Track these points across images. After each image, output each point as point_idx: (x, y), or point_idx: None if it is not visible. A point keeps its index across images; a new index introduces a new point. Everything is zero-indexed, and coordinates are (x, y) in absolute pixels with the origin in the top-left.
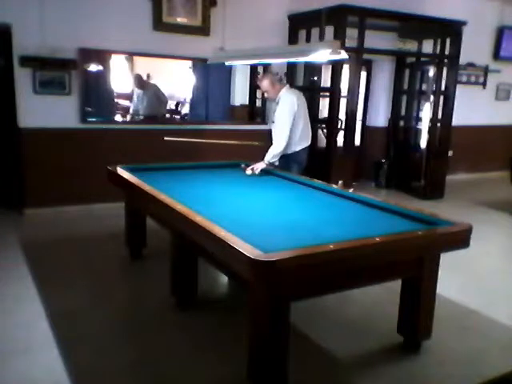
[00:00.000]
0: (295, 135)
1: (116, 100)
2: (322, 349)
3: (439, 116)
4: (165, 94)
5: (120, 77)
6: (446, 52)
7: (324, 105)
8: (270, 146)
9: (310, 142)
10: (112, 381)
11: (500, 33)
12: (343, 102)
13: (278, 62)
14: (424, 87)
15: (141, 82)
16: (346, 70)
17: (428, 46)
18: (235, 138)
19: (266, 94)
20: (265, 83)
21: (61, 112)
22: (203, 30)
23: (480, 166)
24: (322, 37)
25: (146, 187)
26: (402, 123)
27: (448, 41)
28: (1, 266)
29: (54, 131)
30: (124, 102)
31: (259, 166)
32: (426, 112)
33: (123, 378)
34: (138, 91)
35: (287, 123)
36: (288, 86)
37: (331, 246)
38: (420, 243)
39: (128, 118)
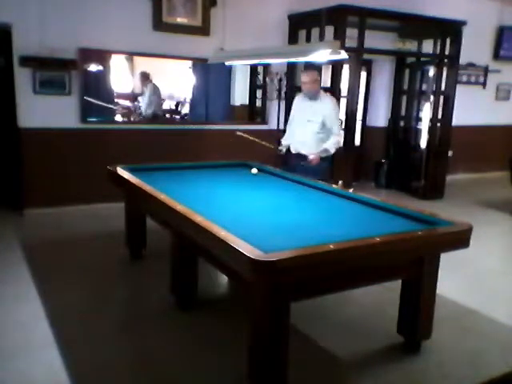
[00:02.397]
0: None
1: (116, 100)
2: (321, 349)
3: (439, 116)
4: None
5: (120, 77)
6: (446, 52)
7: None
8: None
9: None
10: (112, 381)
11: (500, 33)
12: (343, 102)
13: (278, 62)
14: (424, 87)
15: (144, 78)
16: (346, 70)
17: (428, 46)
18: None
19: (305, 86)
20: (315, 75)
21: (61, 112)
22: (203, 30)
23: (480, 166)
24: (322, 37)
25: (146, 187)
26: (402, 123)
27: (448, 41)
28: (1, 266)
29: (54, 131)
30: (124, 102)
31: (316, 157)
32: (426, 112)
33: (123, 377)
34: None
35: (338, 122)
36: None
37: (331, 246)
38: (420, 243)
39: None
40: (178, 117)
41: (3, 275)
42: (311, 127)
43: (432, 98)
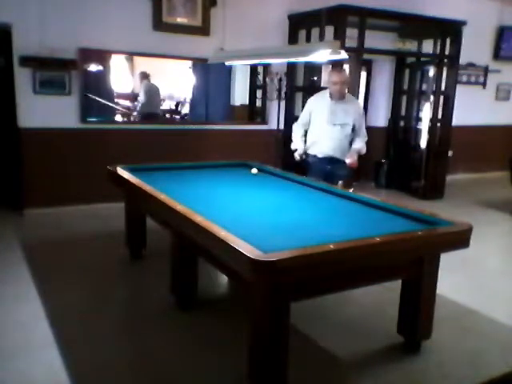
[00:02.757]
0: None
1: (116, 100)
2: (321, 349)
3: (439, 116)
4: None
5: (120, 77)
6: (446, 52)
7: None
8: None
9: None
10: (112, 381)
11: (500, 33)
12: None
13: (278, 62)
14: (424, 87)
15: (142, 77)
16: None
17: (428, 46)
18: None
19: (335, 87)
20: (346, 75)
21: (61, 112)
22: (203, 29)
23: (480, 166)
24: (322, 37)
25: (146, 187)
26: (402, 123)
27: (448, 41)
28: (1, 266)
29: (54, 131)
30: (124, 102)
31: (354, 154)
32: (426, 112)
33: (123, 377)
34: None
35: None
36: None
37: (331, 246)
38: (420, 243)
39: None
40: (177, 117)
41: (3, 275)
42: (343, 130)
43: (432, 97)
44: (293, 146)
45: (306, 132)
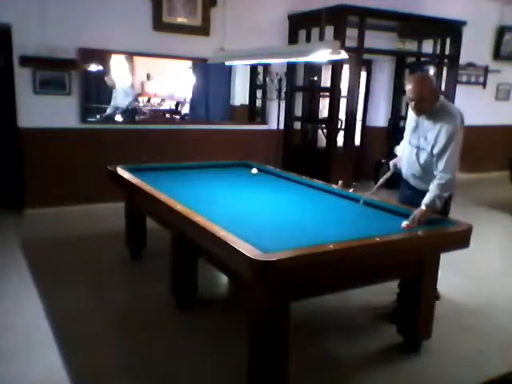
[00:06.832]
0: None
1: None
2: (322, 349)
3: None
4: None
5: (120, 77)
6: (446, 52)
7: (324, 105)
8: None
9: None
10: (112, 381)
11: (500, 33)
12: (343, 102)
13: (278, 62)
14: None
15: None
16: (346, 70)
17: (428, 46)
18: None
19: (411, 104)
20: (423, 87)
21: (61, 112)
22: (203, 29)
23: (480, 166)
24: (321, 37)
25: (146, 187)
26: (401, 123)
27: (448, 41)
28: (1, 266)
29: (54, 131)
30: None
31: (421, 216)
32: None
33: (123, 378)
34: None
35: (458, 150)
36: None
37: (331, 246)
38: (420, 243)
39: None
40: (178, 117)
41: (3, 275)
42: (421, 156)
43: None
44: (396, 150)
45: None
